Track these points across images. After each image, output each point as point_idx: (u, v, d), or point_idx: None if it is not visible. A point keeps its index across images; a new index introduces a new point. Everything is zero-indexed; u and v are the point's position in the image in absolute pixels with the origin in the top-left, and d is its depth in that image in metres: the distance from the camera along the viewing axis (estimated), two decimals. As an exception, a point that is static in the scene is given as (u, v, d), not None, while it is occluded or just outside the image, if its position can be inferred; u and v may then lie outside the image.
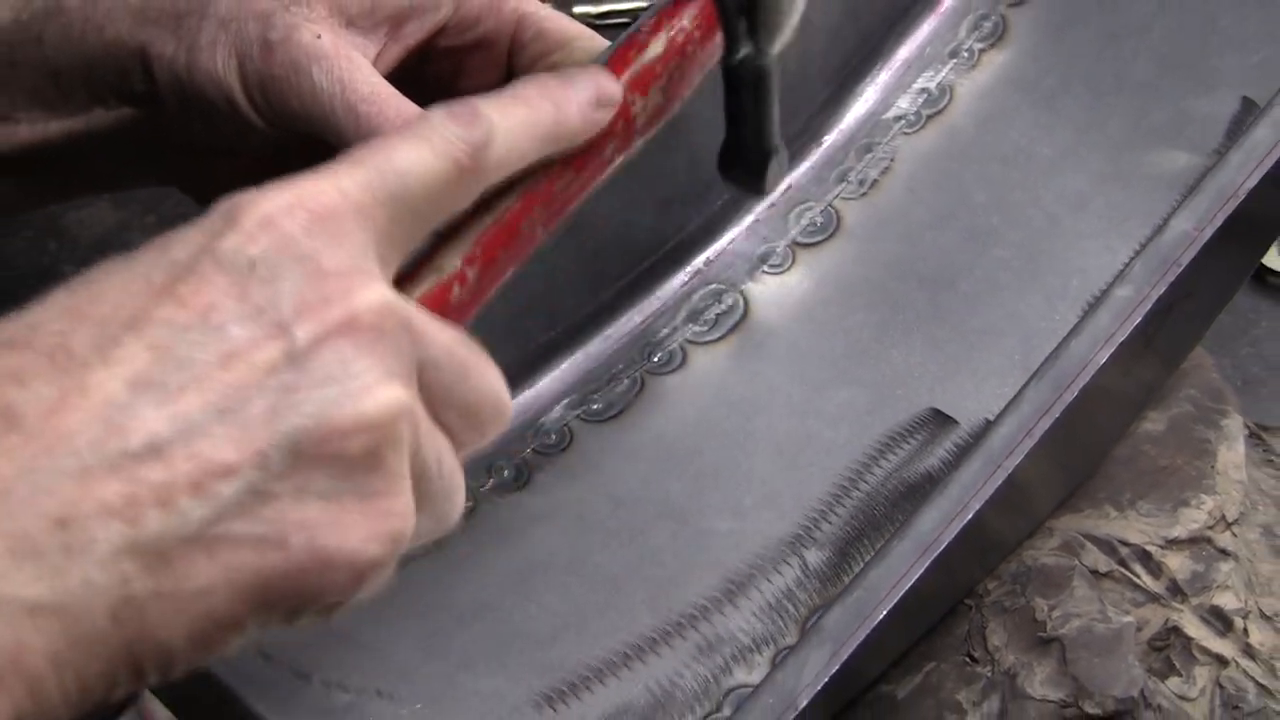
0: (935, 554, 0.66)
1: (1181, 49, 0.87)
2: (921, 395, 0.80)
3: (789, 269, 0.85)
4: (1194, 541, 0.76)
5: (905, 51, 0.89)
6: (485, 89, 0.80)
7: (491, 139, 0.58)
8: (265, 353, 0.50)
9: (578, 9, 1.09)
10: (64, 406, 0.48)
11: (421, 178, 0.55)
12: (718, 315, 0.83)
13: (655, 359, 0.82)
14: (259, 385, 0.49)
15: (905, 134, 0.88)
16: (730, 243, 0.85)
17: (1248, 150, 0.73)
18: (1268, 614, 0.76)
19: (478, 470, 0.78)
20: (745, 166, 0.76)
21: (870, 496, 0.77)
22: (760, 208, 0.86)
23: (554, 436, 0.80)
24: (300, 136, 0.75)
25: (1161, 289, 0.70)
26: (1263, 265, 0.94)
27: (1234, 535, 0.77)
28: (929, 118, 0.88)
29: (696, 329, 0.83)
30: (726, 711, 0.71)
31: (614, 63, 0.65)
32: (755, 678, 0.71)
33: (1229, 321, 0.92)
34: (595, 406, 0.81)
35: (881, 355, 0.82)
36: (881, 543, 0.69)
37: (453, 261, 0.59)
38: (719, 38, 0.69)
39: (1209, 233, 0.71)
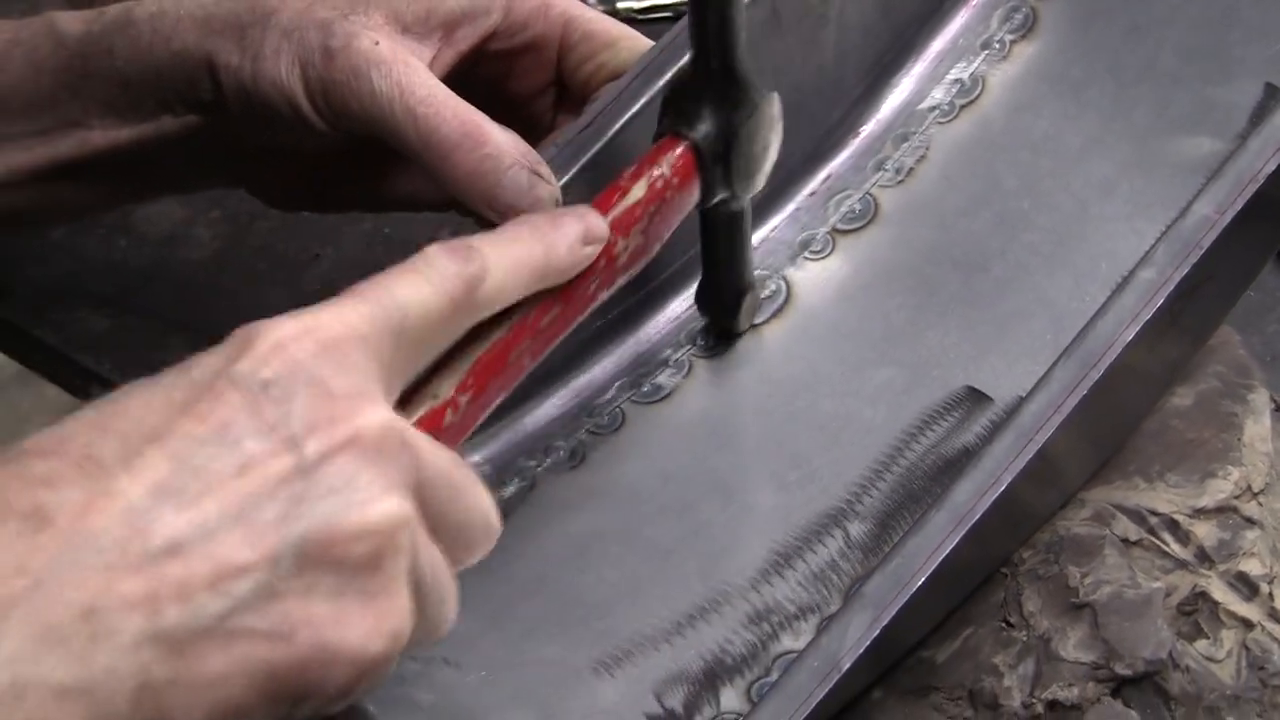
0: (970, 524, 0.68)
1: (1204, 39, 0.88)
2: (957, 374, 0.82)
3: (829, 255, 0.87)
4: (1221, 511, 0.78)
5: (938, 44, 0.91)
6: (535, 90, 0.83)
7: (485, 275, 0.62)
8: (277, 465, 0.53)
9: (621, 4, 1.11)
10: (91, 509, 0.51)
11: (420, 311, 0.59)
12: (762, 300, 0.86)
13: (702, 343, 0.84)
14: (271, 494, 0.53)
15: (939, 124, 0.90)
16: (773, 230, 0.88)
17: (1267, 136, 0.74)
18: (1291, 580, 0.78)
19: (535, 451, 0.81)
20: (721, 305, 0.82)
21: (909, 471, 0.80)
22: (801, 196, 0.88)
23: (607, 418, 0.83)
24: (359, 138, 0.78)
25: (1184, 270, 0.72)
26: (1291, 245, 0.96)
27: (1259, 505, 0.79)
28: (962, 108, 0.90)
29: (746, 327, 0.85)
30: (774, 676, 0.73)
31: (598, 205, 0.69)
32: (801, 644, 0.74)
33: (1257, 299, 0.93)
34: (646, 389, 0.83)
35: (918, 336, 0.84)
36: (919, 515, 0.72)
37: (447, 389, 0.63)
38: (696, 184, 0.73)
39: (1229, 216, 0.73)
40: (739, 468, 0.81)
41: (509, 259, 0.63)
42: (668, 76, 0.77)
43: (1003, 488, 0.69)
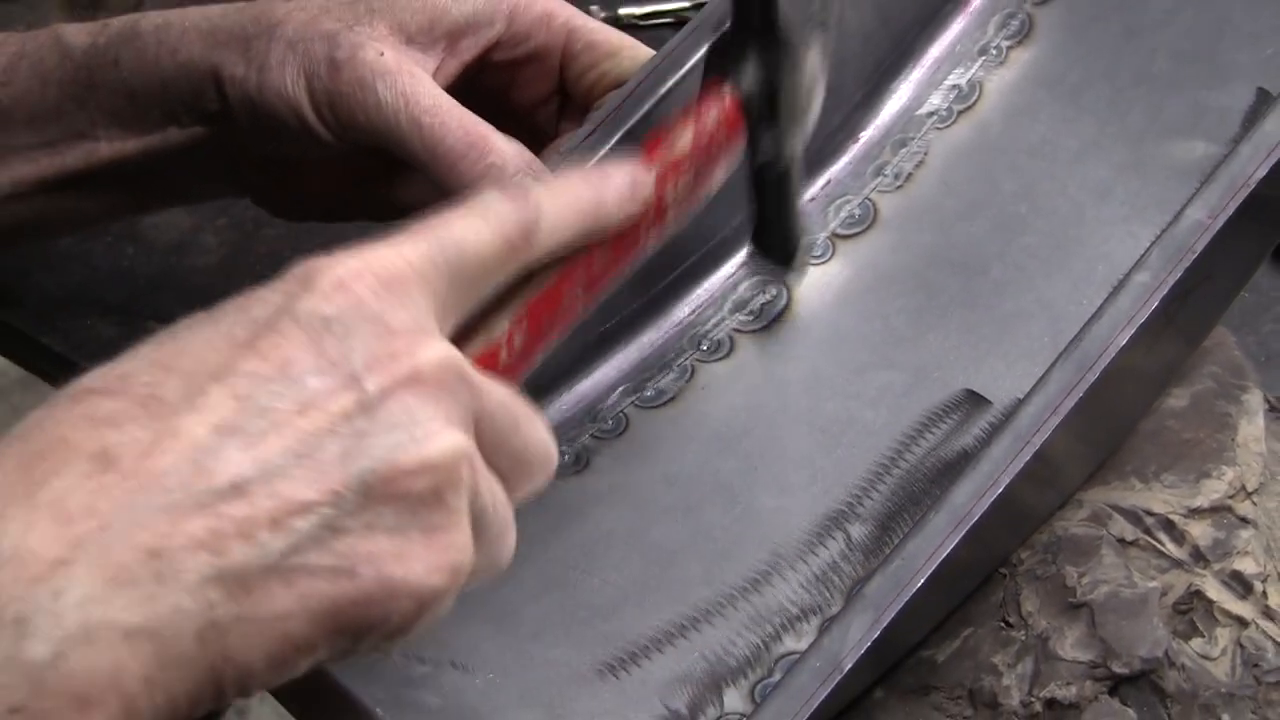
0: (969, 526, 0.69)
1: (1198, 43, 0.89)
2: (956, 377, 0.83)
3: (829, 259, 0.88)
4: (1215, 510, 0.79)
5: (936, 50, 0.92)
6: (538, 100, 0.84)
7: (540, 217, 0.62)
8: (339, 402, 0.54)
9: (624, 10, 1.12)
10: (156, 449, 0.52)
11: (476, 249, 0.60)
12: (763, 305, 0.86)
13: (704, 347, 0.86)
14: (333, 431, 0.53)
15: (938, 129, 0.91)
16: (773, 236, 0.89)
17: (1258, 141, 0.75)
18: (1286, 577, 0.79)
19: (540, 456, 0.82)
20: (776, 251, 0.83)
21: (909, 473, 0.81)
22: (801, 203, 0.89)
23: (611, 422, 0.84)
24: (365, 148, 0.79)
25: (1178, 274, 0.73)
26: (1285, 245, 0.97)
27: (1254, 504, 0.80)
28: (960, 113, 0.91)
29: (743, 318, 0.86)
30: (777, 676, 0.74)
31: (646, 152, 0.70)
32: (803, 645, 0.75)
33: (1252, 300, 0.94)
34: (649, 393, 0.84)
35: (918, 340, 0.85)
36: (919, 516, 0.73)
37: (501, 327, 0.64)
38: (742, 134, 0.74)
39: (1221, 220, 0.74)
40: (742, 471, 0.82)
41: (561, 204, 0.64)
42: (668, 85, 0.78)
43: (1000, 489, 0.70)
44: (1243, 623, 0.77)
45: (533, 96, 0.84)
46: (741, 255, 0.87)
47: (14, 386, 2.35)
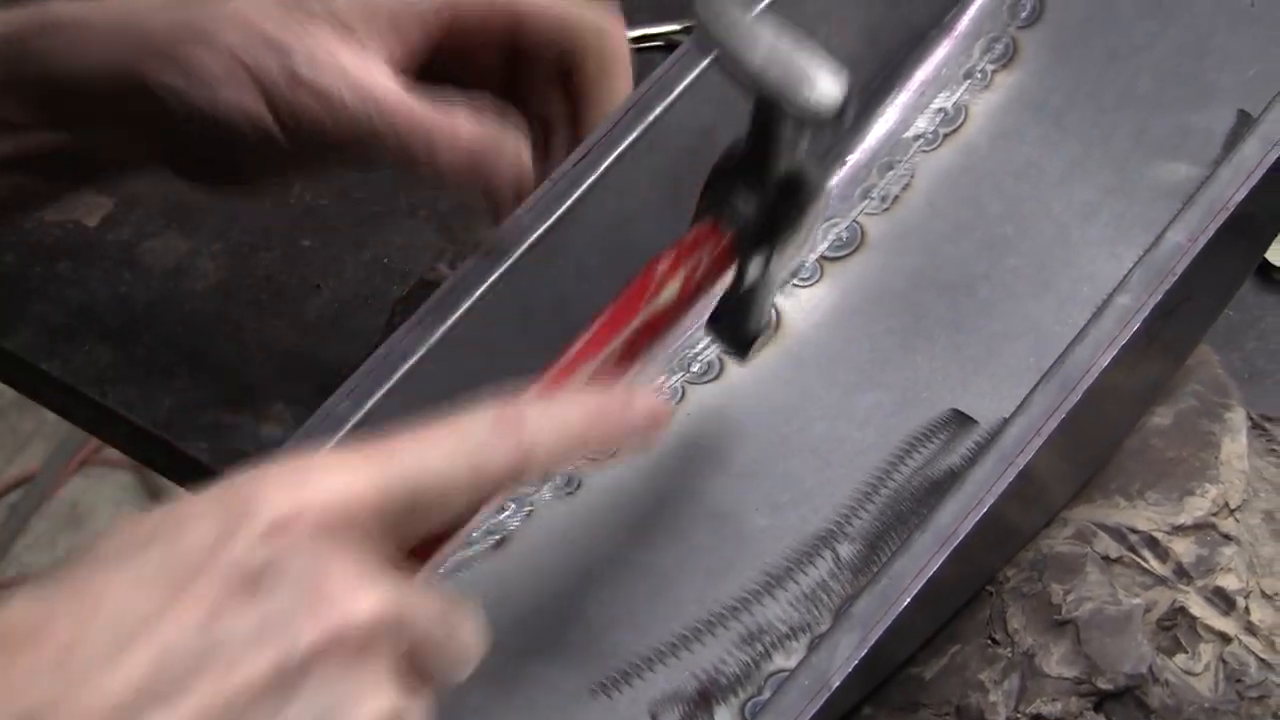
0: (954, 545, 0.70)
1: (1180, 66, 0.90)
2: (944, 397, 0.84)
3: (817, 282, 0.89)
4: (1199, 528, 0.80)
5: (922, 74, 0.93)
6: (492, 81, 0.81)
7: (532, 457, 0.58)
8: (263, 662, 0.51)
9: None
10: (76, 710, 0.50)
11: (444, 484, 0.56)
12: (750, 328, 0.87)
13: (694, 369, 0.86)
14: (257, 696, 0.51)
15: (924, 152, 0.92)
16: (762, 259, 0.90)
17: (1237, 164, 0.76)
18: (1268, 593, 0.80)
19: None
20: (731, 341, 0.80)
21: (897, 493, 0.82)
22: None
23: (602, 444, 0.84)
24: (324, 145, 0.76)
25: (1159, 296, 0.73)
26: (1269, 264, 0.97)
27: (1236, 521, 0.81)
28: (946, 136, 0.92)
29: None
30: (767, 694, 0.75)
31: (629, 300, 0.68)
32: (793, 663, 0.76)
33: (1236, 318, 0.95)
34: (639, 416, 0.85)
35: (905, 360, 0.86)
36: (906, 536, 0.73)
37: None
38: (731, 270, 0.72)
39: (1201, 243, 0.74)
40: (732, 491, 0.82)
41: (561, 436, 0.59)
42: (657, 112, 0.79)
43: (985, 509, 0.70)
44: (1225, 638, 0.78)
45: (486, 77, 0.82)
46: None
47: (10, 407, 2.36)
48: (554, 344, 0.69)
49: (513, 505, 0.82)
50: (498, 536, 0.81)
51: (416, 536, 0.57)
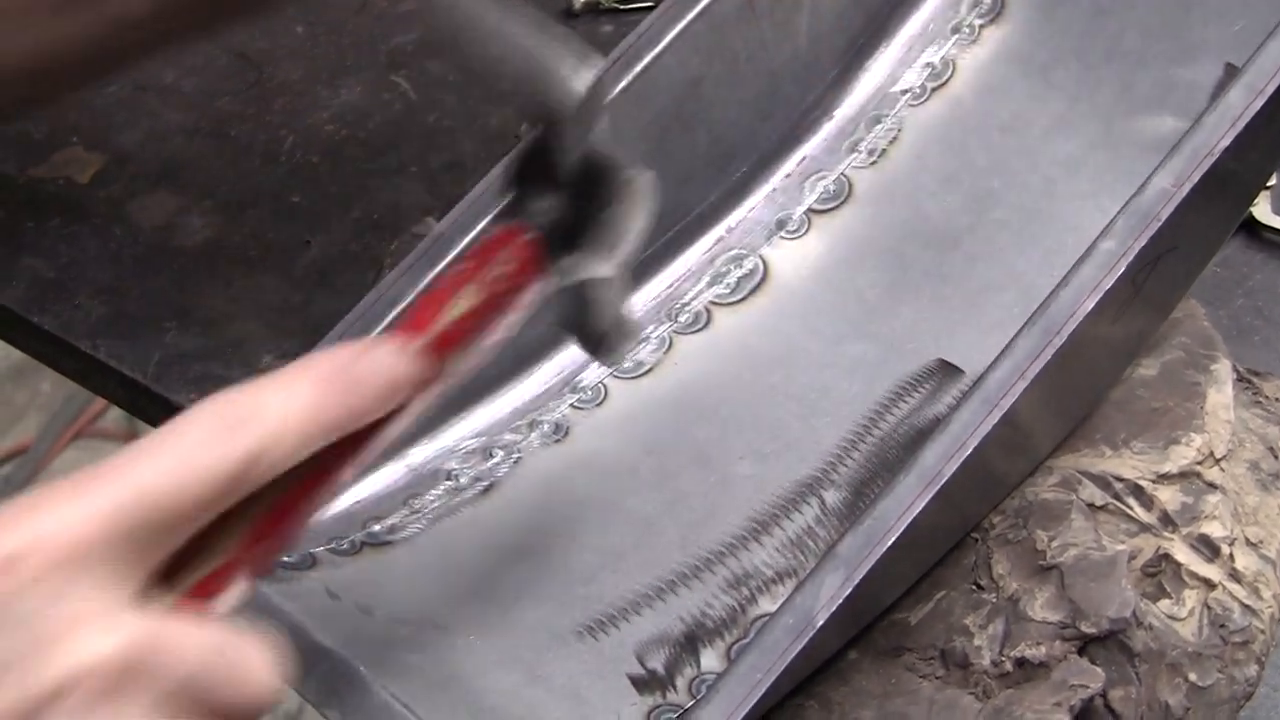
0: (938, 486, 0.70)
1: (1166, 20, 0.91)
2: (929, 347, 0.85)
3: (805, 234, 0.89)
4: (1184, 476, 0.80)
5: (910, 28, 0.94)
6: None
7: (264, 449, 0.53)
8: None
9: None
10: None
11: (176, 497, 0.52)
12: (739, 278, 0.88)
13: (682, 320, 0.87)
14: None
15: (911, 106, 0.93)
16: (750, 211, 0.90)
17: (1222, 112, 0.76)
18: (1252, 541, 0.80)
19: (521, 425, 0.83)
20: (586, 340, 0.71)
21: (883, 441, 0.82)
22: (777, 178, 0.91)
23: (590, 393, 0.85)
24: None
25: (1143, 242, 0.74)
26: (1257, 221, 0.98)
27: (1221, 470, 0.81)
28: (933, 90, 0.93)
29: (720, 291, 0.88)
30: (753, 637, 0.76)
31: (418, 317, 0.61)
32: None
33: (1225, 274, 0.96)
34: (627, 365, 0.86)
35: (891, 311, 0.87)
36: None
37: (226, 550, 0.55)
38: (541, 275, 0.65)
39: (1186, 189, 0.75)
40: (718, 439, 0.83)
41: (296, 422, 0.54)
42: (644, 63, 0.80)
43: (969, 451, 0.71)
44: (1210, 585, 0.78)
45: None
46: (719, 230, 0.89)
47: (4, 379, 2.36)
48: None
49: (501, 453, 0.82)
50: (486, 483, 0.81)
51: (166, 554, 0.53)
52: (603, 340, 0.70)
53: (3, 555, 0.49)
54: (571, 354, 0.85)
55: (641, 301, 0.87)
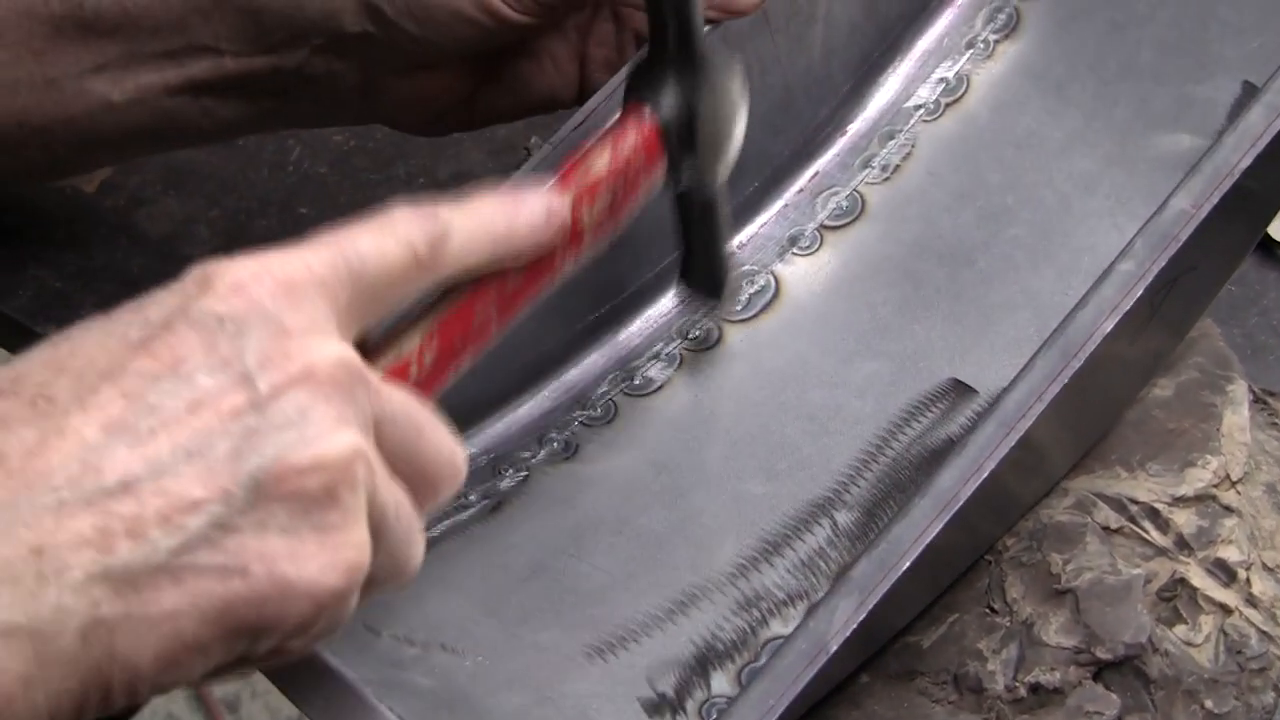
0: (953, 511, 0.69)
1: (1183, 37, 0.90)
2: (942, 366, 0.84)
3: (817, 250, 0.89)
4: (1200, 499, 0.80)
5: (924, 43, 0.93)
6: None
7: (448, 235, 0.61)
8: (230, 400, 0.53)
9: None
10: (44, 448, 0.51)
11: (380, 263, 0.58)
12: (750, 295, 0.87)
13: (693, 336, 0.86)
14: (224, 429, 0.53)
15: (925, 121, 0.92)
16: (761, 227, 0.89)
17: (1242, 132, 0.75)
18: (1269, 566, 0.79)
19: (529, 442, 0.83)
20: (702, 284, 0.82)
21: (895, 461, 0.81)
22: (789, 193, 0.90)
23: (600, 410, 0.84)
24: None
25: (1162, 263, 0.73)
26: (1271, 239, 0.97)
27: (1238, 493, 0.81)
28: (947, 106, 0.92)
29: (730, 308, 0.87)
30: (764, 660, 0.75)
31: (562, 177, 0.70)
32: (790, 629, 0.75)
33: (1239, 292, 0.95)
34: (637, 381, 0.85)
35: (905, 329, 0.86)
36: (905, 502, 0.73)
37: (412, 342, 0.64)
38: (661, 159, 0.73)
39: (1206, 210, 0.74)
40: (729, 458, 0.82)
41: (473, 226, 0.63)
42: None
43: (985, 475, 0.70)
44: (1226, 610, 0.77)
45: None
46: (731, 245, 0.88)
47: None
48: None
49: (509, 470, 0.82)
50: (494, 501, 0.81)
51: (369, 319, 0.60)
52: (716, 276, 0.80)
53: (232, 279, 0.55)
54: (582, 370, 0.84)
55: (651, 318, 0.86)
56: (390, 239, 0.59)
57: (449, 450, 0.59)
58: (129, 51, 0.82)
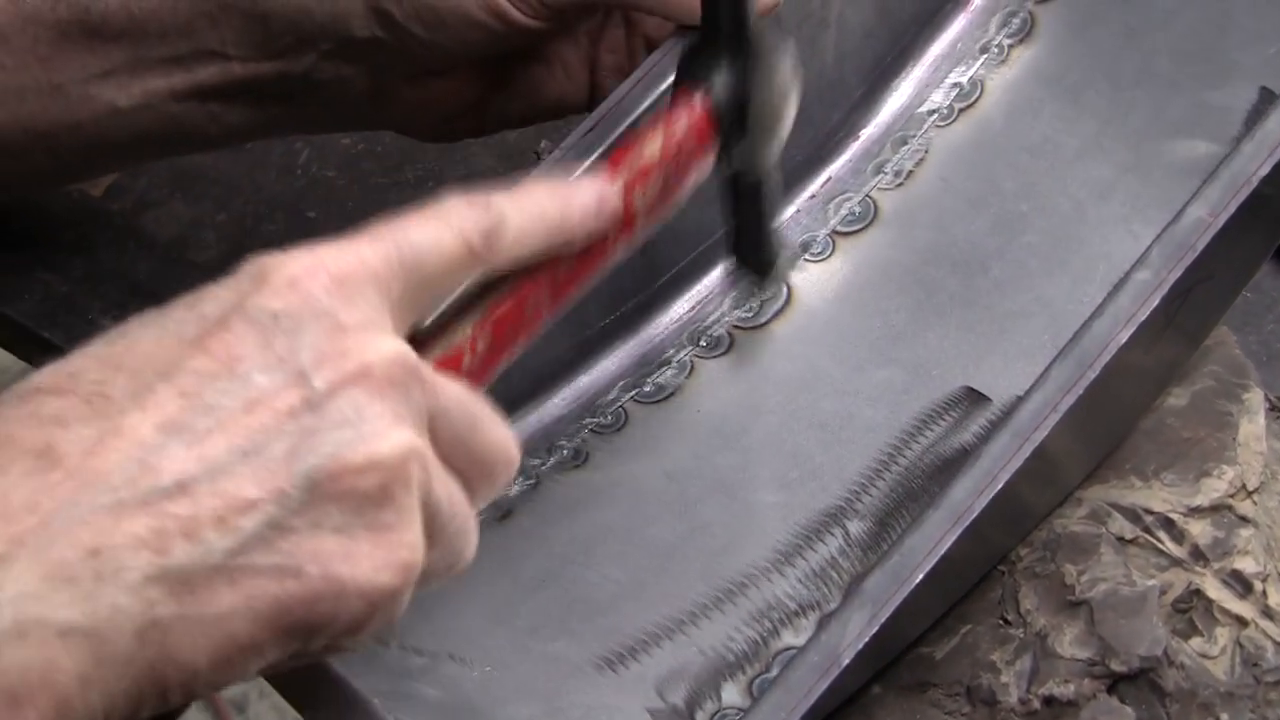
0: (967, 522, 0.69)
1: (1199, 43, 0.90)
2: (955, 375, 0.84)
3: (829, 256, 0.88)
4: (1215, 509, 0.79)
5: (937, 48, 0.93)
6: None
7: (503, 225, 0.61)
8: (286, 399, 0.53)
9: None
10: (101, 447, 0.51)
11: (434, 252, 0.58)
12: (763, 301, 0.87)
13: (704, 343, 0.86)
14: (279, 428, 0.53)
15: (939, 127, 0.91)
16: (773, 233, 0.89)
17: (1260, 140, 0.75)
18: (1285, 577, 0.79)
19: (539, 449, 0.82)
20: (753, 263, 0.81)
21: (908, 470, 0.81)
22: (801, 199, 0.90)
23: (610, 417, 0.84)
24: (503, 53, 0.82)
25: (1179, 272, 0.73)
26: (1286, 247, 0.97)
27: (1254, 503, 0.80)
28: (961, 111, 0.92)
29: (743, 314, 0.86)
30: (775, 672, 0.75)
31: (613, 160, 0.69)
32: (802, 640, 0.75)
33: (1255, 299, 0.94)
34: (648, 389, 0.84)
35: (917, 337, 0.85)
36: (918, 513, 0.72)
37: (464, 332, 0.64)
38: (713, 141, 0.73)
39: (1224, 219, 0.73)
40: (740, 466, 0.82)
41: (526, 215, 0.63)
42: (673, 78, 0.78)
43: (999, 486, 0.69)
44: (1242, 622, 0.77)
45: None
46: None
47: (16, 380, 2.35)
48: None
49: (519, 477, 0.81)
50: (503, 510, 0.80)
51: (424, 310, 0.60)
52: (765, 254, 0.79)
53: (287, 274, 0.55)
54: (592, 377, 0.84)
55: (663, 325, 0.86)
56: (444, 230, 0.59)
57: (503, 441, 0.59)
58: (135, 57, 0.82)
